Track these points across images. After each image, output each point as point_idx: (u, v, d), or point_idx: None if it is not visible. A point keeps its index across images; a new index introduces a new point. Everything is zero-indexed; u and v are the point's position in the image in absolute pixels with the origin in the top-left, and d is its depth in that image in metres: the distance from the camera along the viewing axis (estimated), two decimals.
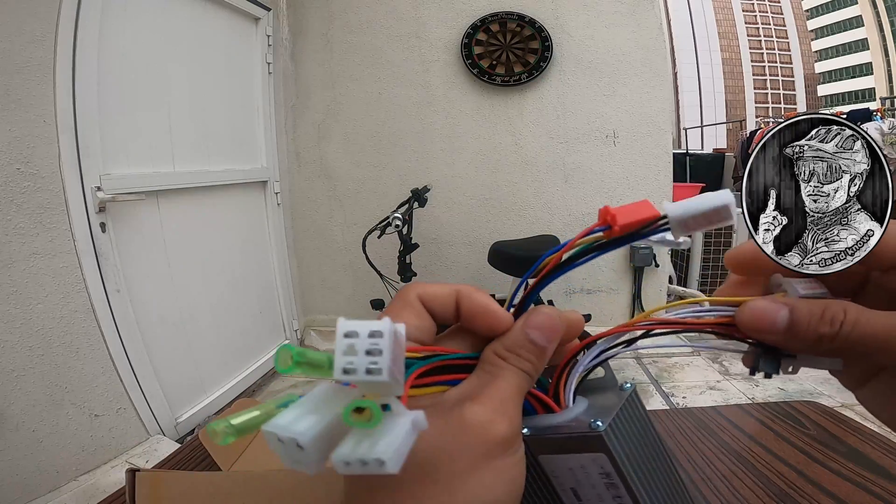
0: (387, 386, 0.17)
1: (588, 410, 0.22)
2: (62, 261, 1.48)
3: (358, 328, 0.17)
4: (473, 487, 0.18)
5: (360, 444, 0.17)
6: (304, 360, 0.17)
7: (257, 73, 2.50)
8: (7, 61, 1.34)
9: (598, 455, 0.21)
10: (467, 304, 0.22)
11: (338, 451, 0.17)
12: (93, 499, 1.36)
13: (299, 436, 0.16)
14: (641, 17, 2.62)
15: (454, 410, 0.19)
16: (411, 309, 0.22)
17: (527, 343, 0.21)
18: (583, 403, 0.23)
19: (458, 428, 0.19)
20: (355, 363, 0.17)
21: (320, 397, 0.19)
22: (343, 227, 2.84)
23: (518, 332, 0.21)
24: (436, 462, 0.18)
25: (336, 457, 0.17)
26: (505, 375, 0.20)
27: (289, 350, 0.17)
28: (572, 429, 0.21)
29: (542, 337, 0.21)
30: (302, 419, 0.17)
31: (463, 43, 2.63)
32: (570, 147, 2.71)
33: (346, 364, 0.17)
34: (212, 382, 2.10)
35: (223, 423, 0.18)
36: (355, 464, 0.16)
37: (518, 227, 2.77)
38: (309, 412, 0.18)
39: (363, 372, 0.17)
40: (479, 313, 0.22)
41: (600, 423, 0.20)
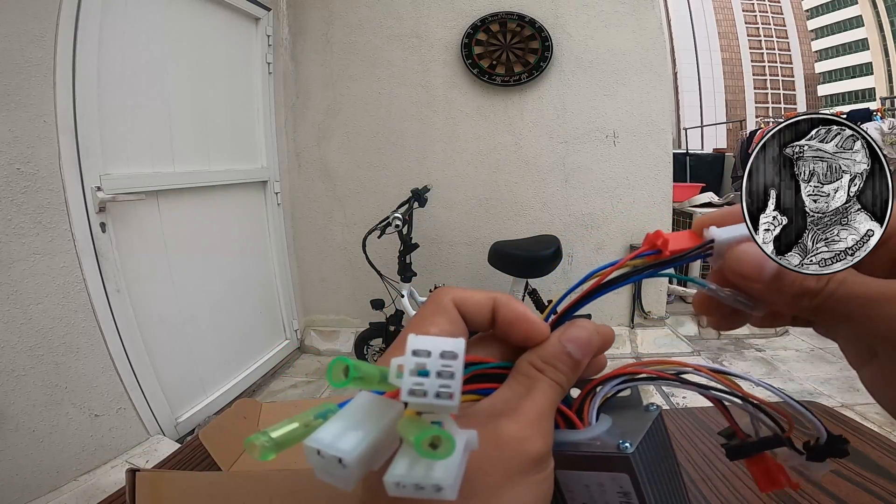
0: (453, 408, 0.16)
1: (612, 430, 0.22)
2: (62, 261, 1.48)
3: (430, 347, 0.16)
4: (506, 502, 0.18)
5: (414, 466, 0.16)
6: (360, 375, 0.16)
7: (257, 73, 2.50)
8: (7, 61, 1.34)
9: (620, 475, 0.21)
10: (505, 312, 0.22)
11: (392, 471, 0.16)
12: (93, 499, 1.36)
13: (345, 455, 0.16)
14: (641, 17, 2.62)
15: (489, 424, 0.19)
16: (446, 315, 0.21)
17: (563, 356, 0.21)
18: (606, 422, 0.22)
19: (493, 443, 0.18)
20: (426, 386, 0.16)
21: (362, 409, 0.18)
22: (343, 227, 2.84)
23: (556, 345, 0.21)
24: (469, 476, 0.18)
25: (389, 478, 0.16)
26: (541, 388, 0.20)
27: (343, 363, 0.16)
28: (597, 448, 0.21)
29: (580, 351, 0.21)
30: (346, 435, 0.16)
31: (463, 43, 2.63)
32: (570, 147, 2.71)
33: (415, 385, 0.16)
34: (212, 382, 2.10)
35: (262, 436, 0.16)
36: (409, 487, 0.15)
37: (518, 227, 2.77)
38: (352, 427, 0.17)
39: (433, 395, 0.16)
40: (517, 322, 0.22)
41: (629, 445, 0.20)
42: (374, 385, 0.17)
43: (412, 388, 0.16)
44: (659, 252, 0.21)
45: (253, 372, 2.35)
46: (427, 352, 0.16)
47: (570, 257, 2.78)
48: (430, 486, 0.15)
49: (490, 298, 0.22)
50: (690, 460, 0.54)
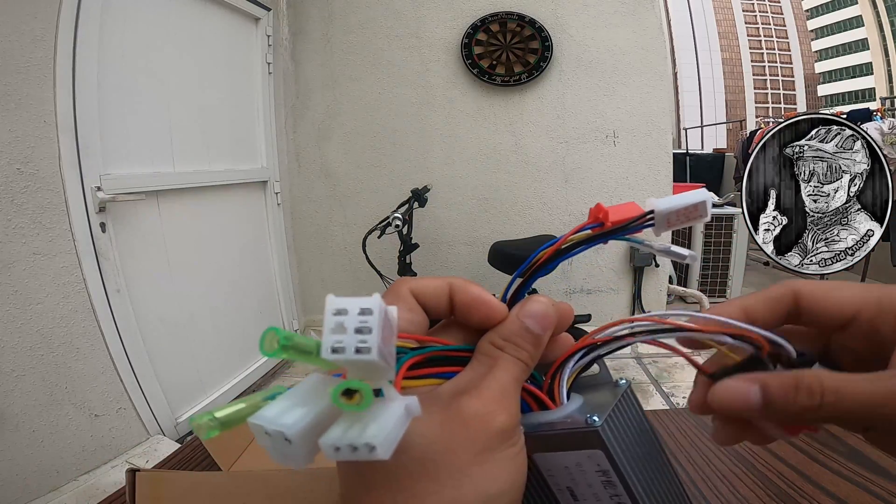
0: (377, 368, 0.16)
1: (583, 407, 0.22)
2: (62, 261, 1.48)
3: (348, 305, 0.17)
4: (478, 480, 0.18)
5: (350, 428, 0.16)
6: (291, 344, 0.16)
7: (257, 73, 2.50)
8: (7, 61, 1.34)
9: (595, 452, 0.21)
10: (461, 295, 0.22)
11: (327, 435, 0.16)
12: (93, 499, 1.36)
13: (286, 429, 0.16)
14: (641, 17, 2.62)
15: (452, 404, 0.19)
16: (403, 303, 0.22)
17: (523, 332, 0.21)
18: (578, 400, 0.23)
19: (457, 421, 0.18)
20: (344, 342, 0.16)
21: (309, 389, 0.18)
22: (343, 227, 2.84)
23: (514, 321, 0.21)
24: (436, 458, 0.18)
25: (325, 440, 0.16)
26: (502, 365, 0.20)
27: (276, 333, 0.16)
28: (568, 425, 0.21)
29: (538, 325, 0.21)
30: (290, 412, 0.17)
31: (463, 43, 2.63)
32: (570, 147, 2.71)
33: (335, 342, 0.16)
34: (212, 382, 2.10)
35: (207, 416, 0.17)
36: (345, 449, 0.16)
37: (518, 227, 2.77)
38: (297, 404, 0.17)
39: (352, 350, 0.16)
40: (473, 304, 0.22)
41: (597, 419, 0.20)
42: (312, 358, 0.17)
43: (333, 346, 0.16)
44: (601, 225, 0.22)
45: (253, 372, 2.35)
46: (345, 310, 0.17)
47: None
48: (364, 446, 0.15)
49: (445, 284, 0.22)
50: (690, 460, 0.54)
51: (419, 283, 0.22)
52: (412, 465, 0.18)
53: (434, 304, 0.22)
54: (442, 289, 0.22)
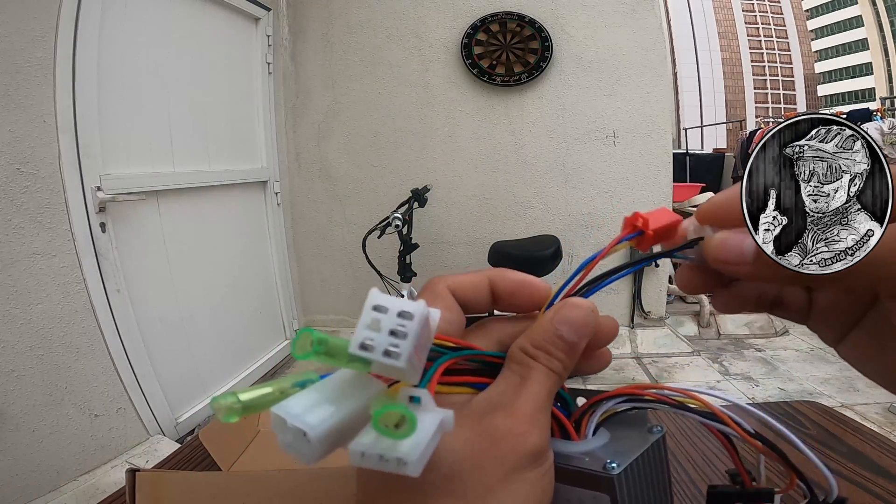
0: (401, 372, 0.16)
1: (606, 447, 0.21)
2: (62, 261, 1.48)
3: (389, 304, 0.16)
4: (504, 501, 0.17)
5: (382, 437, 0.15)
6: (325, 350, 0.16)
7: (257, 73, 2.50)
8: (7, 61, 1.34)
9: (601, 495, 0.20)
10: (502, 283, 0.21)
11: (358, 440, 0.16)
12: (93, 499, 1.36)
13: (310, 429, 0.15)
14: (641, 17, 2.62)
15: (484, 420, 0.18)
16: (441, 301, 0.21)
17: (556, 339, 0.19)
18: (603, 437, 0.21)
19: (488, 439, 0.18)
20: (376, 341, 0.15)
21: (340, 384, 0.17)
22: (343, 227, 2.84)
23: (547, 326, 0.20)
24: (464, 475, 0.17)
25: (354, 446, 0.15)
26: (535, 377, 0.19)
27: (310, 335, 0.15)
28: (585, 464, 0.20)
29: (574, 333, 0.19)
30: (317, 409, 0.16)
31: (463, 43, 2.63)
32: (570, 147, 2.71)
33: (366, 339, 0.16)
34: (212, 382, 2.10)
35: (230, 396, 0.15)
36: (372, 458, 0.15)
37: (518, 227, 2.77)
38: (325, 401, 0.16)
39: (381, 352, 0.15)
40: (517, 288, 0.21)
41: (615, 466, 0.19)
42: (343, 362, 0.16)
43: (363, 342, 0.15)
44: (641, 233, 0.20)
45: (253, 372, 2.35)
46: (385, 308, 0.16)
47: (570, 257, 2.78)
48: (394, 460, 0.15)
49: (484, 276, 0.21)
50: (690, 460, 0.53)
51: (457, 280, 0.21)
52: (439, 482, 0.17)
53: (474, 299, 0.21)
54: (482, 282, 0.21)
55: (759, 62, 62.13)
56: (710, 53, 60.16)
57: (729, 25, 61.88)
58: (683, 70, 58.84)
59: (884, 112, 4.93)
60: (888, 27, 48.80)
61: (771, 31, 61.95)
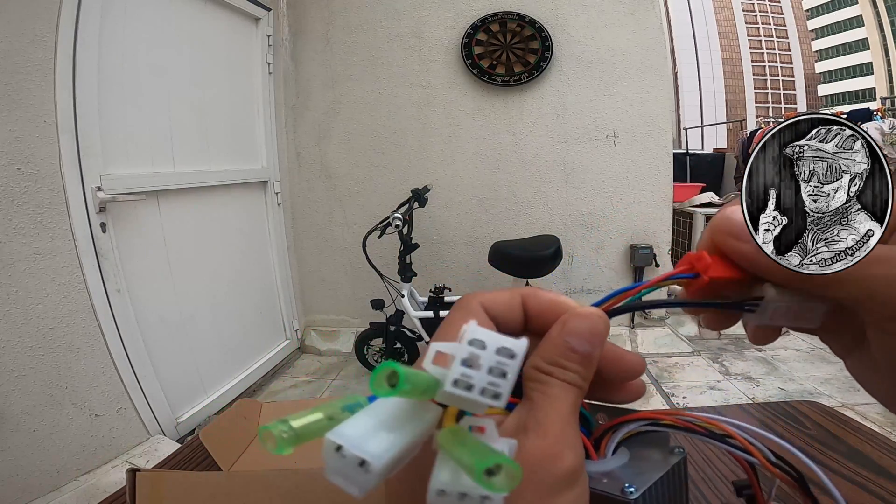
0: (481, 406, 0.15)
1: (626, 467, 0.20)
2: (62, 261, 1.48)
3: (488, 339, 0.15)
4: None
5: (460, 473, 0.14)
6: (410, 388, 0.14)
7: (257, 73, 2.50)
8: (7, 61, 1.34)
9: None
10: (534, 301, 0.21)
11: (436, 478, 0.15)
12: (93, 499, 1.36)
13: (373, 459, 0.14)
14: (641, 17, 2.62)
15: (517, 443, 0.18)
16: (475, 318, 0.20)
17: (567, 352, 0.19)
18: (623, 457, 0.21)
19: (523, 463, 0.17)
20: (474, 379, 0.14)
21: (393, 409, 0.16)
22: (343, 227, 2.84)
23: (556, 341, 0.19)
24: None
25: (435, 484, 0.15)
26: (554, 394, 0.18)
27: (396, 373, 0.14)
28: (602, 485, 0.19)
29: (585, 343, 0.19)
30: (375, 436, 0.15)
31: (463, 43, 2.63)
32: (570, 147, 2.71)
33: (462, 376, 0.15)
34: (212, 382, 2.10)
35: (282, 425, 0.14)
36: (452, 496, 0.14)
37: (518, 227, 2.77)
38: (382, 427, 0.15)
39: (478, 391, 0.14)
40: (549, 308, 0.21)
41: (633, 490, 0.19)
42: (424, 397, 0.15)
43: (458, 378, 0.15)
44: (696, 276, 0.19)
45: (253, 372, 2.35)
46: (483, 344, 0.15)
47: (570, 257, 2.78)
48: (477, 497, 0.14)
49: (517, 294, 0.21)
50: (690, 460, 0.54)
51: (490, 297, 0.21)
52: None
53: (506, 317, 0.21)
54: (515, 300, 0.21)
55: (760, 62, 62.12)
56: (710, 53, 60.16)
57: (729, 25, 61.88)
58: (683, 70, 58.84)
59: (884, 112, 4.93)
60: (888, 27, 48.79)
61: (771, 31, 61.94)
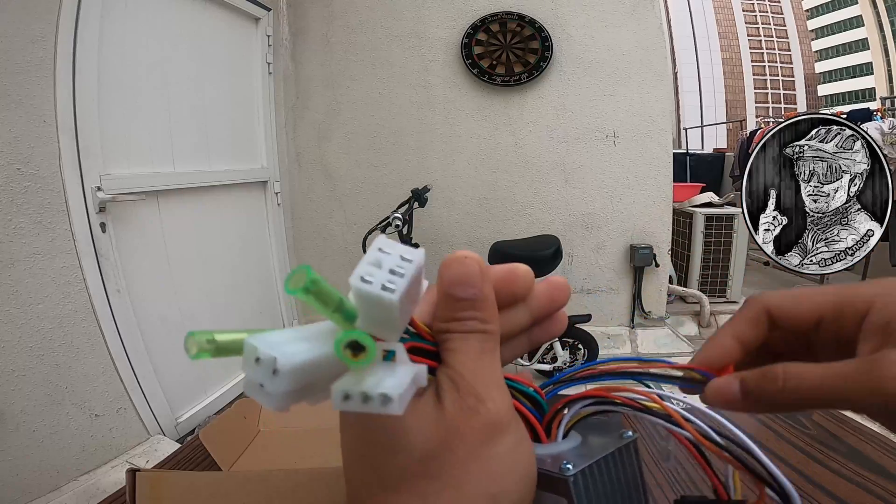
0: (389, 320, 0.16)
1: (572, 450, 0.21)
2: (62, 261, 1.48)
3: (392, 248, 0.17)
4: (479, 478, 0.17)
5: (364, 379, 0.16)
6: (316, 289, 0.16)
7: (257, 73, 2.50)
8: (7, 61, 1.34)
9: (559, 499, 0.19)
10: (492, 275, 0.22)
11: (340, 382, 0.16)
12: (93, 499, 1.36)
13: (281, 357, 0.15)
14: (641, 17, 2.62)
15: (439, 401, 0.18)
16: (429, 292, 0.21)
17: (454, 303, 0.19)
18: (573, 440, 0.21)
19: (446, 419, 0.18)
20: (375, 276, 0.16)
21: (318, 331, 0.17)
22: (343, 227, 2.84)
23: (440, 296, 0.19)
24: (438, 456, 0.17)
25: (337, 387, 0.15)
26: (457, 348, 0.19)
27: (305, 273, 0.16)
28: (545, 465, 0.20)
29: (465, 288, 0.19)
30: (291, 343, 0.16)
31: (463, 43, 2.63)
32: (570, 147, 2.71)
33: (366, 273, 0.16)
34: (212, 382, 2.10)
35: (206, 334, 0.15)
36: (356, 398, 0.15)
37: (518, 227, 2.77)
38: (301, 339, 0.17)
39: (378, 286, 0.16)
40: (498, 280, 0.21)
41: (570, 467, 0.19)
42: (330, 309, 0.16)
43: (363, 275, 0.16)
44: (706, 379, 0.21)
45: None
46: (388, 251, 0.17)
47: (570, 257, 2.78)
48: (378, 396, 0.15)
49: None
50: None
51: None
52: (415, 466, 0.17)
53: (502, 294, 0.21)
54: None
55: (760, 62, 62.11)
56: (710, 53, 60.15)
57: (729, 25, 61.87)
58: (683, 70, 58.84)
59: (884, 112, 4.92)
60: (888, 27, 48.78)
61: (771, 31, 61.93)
